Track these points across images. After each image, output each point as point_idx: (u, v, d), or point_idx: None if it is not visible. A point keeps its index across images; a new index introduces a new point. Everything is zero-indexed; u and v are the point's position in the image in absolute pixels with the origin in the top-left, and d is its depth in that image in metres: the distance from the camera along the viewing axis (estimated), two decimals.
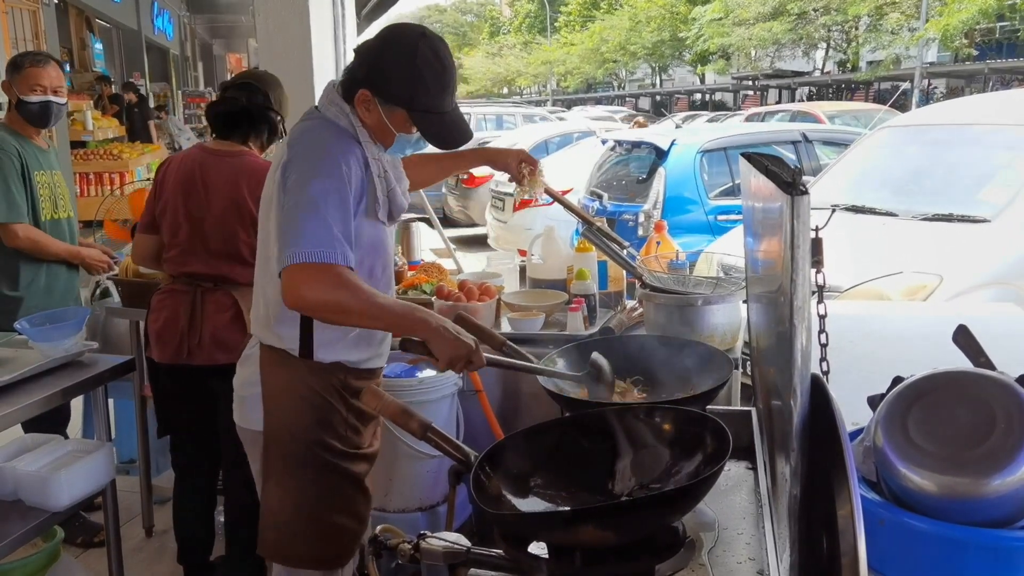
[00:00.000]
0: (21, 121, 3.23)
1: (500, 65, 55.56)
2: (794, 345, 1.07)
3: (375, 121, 1.85)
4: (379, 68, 1.82)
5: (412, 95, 1.81)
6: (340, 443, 1.95)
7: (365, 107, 1.84)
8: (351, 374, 1.96)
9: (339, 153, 1.79)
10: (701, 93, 39.67)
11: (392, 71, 1.81)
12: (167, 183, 2.69)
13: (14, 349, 2.58)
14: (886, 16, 25.60)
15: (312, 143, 1.82)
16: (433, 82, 1.81)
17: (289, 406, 1.93)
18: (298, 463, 1.94)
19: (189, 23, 20.33)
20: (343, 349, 1.94)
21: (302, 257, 1.67)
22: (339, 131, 1.85)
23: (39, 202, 3.20)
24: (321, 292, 1.68)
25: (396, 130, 1.86)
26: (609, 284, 2.95)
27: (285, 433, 1.94)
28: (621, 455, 1.61)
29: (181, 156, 2.77)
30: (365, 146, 1.86)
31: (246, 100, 2.66)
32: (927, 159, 5.08)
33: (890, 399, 1.17)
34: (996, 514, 1.09)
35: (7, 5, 7.48)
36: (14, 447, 2.50)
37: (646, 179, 6.56)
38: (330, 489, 1.96)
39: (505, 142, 12.49)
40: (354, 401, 1.96)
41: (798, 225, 1.02)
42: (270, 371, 1.96)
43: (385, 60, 1.82)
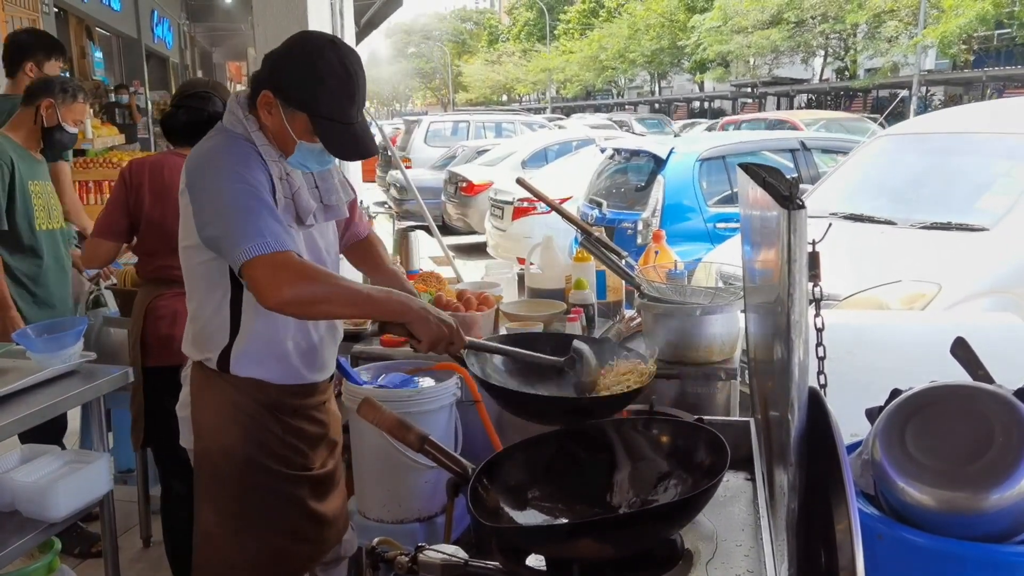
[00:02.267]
0: (35, 136, 3.25)
1: (499, 72, 55.66)
2: (791, 359, 1.07)
3: (276, 125, 1.80)
4: (282, 69, 1.78)
5: (314, 99, 1.75)
6: (276, 464, 1.90)
7: (267, 109, 1.79)
8: (282, 392, 1.91)
9: (236, 153, 1.77)
10: (700, 101, 39.74)
11: (294, 73, 1.76)
12: (150, 191, 2.73)
13: (12, 360, 2.58)
14: (884, 24, 25.67)
15: (209, 154, 1.79)
16: (337, 88, 1.76)
17: (218, 425, 1.89)
18: (231, 483, 1.90)
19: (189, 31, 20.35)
20: (256, 366, 1.88)
21: (253, 252, 1.64)
22: (234, 139, 1.81)
23: (34, 211, 3.19)
24: (296, 285, 1.65)
25: (297, 136, 1.80)
26: (608, 294, 2.95)
27: (216, 454, 1.90)
28: (619, 467, 1.61)
29: (159, 163, 2.78)
30: (261, 149, 1.81)
31: (209, 108, 2.77)
32: (925, 167, 5.08)
33: (888, 413, 1.17)
34: (994, 528, 1.08)
35: (7, 14, 7.50)
36: (12, 458, 2.49)
37: (645, 187, 6.56)
38: (265, 511, 1.91)
39: (504, 150, 12.51)
40: (292, 421, 1.93)
41: (795, 239, 1.02)
42: (198, 391, 1.93)
43: (289, 62, 1.78)
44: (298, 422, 1.95)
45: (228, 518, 1.92)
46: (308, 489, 1.97)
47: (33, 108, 3.24)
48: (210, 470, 1.92)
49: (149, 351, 2.78)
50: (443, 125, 18.12)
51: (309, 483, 1.97)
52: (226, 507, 1.91)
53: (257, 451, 1.89)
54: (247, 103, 1.85)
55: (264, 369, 1.89)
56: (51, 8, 8.94)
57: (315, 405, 2.00)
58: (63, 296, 3.39)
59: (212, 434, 1.91)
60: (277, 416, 1.91)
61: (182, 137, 2.84)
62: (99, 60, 14.23)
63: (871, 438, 1.20)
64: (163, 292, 2.77)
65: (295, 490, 1.94)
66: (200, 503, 1.96)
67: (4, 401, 2.31)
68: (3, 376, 2.44)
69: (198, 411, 1.94)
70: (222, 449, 1.90)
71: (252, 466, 1.89)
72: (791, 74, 34.09)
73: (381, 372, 2.67)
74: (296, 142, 1.80)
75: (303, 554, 1.99)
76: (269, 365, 1.89)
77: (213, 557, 1.95)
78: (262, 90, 1.79)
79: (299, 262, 1.69)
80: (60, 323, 2.68)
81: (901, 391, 1.30)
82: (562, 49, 46.58)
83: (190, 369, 1.98)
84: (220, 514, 1.92)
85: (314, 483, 1.99)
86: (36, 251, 3.21)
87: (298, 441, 1.95)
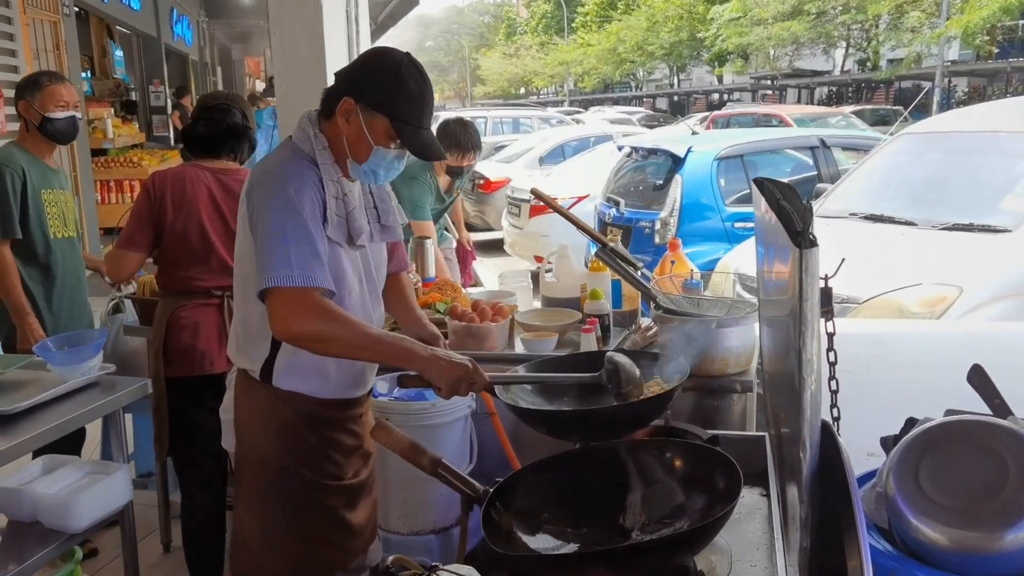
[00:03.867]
0: (39, 140, 3.23)
1: (517, 66, 55.53)
2: (803, 396, 1.06)
3: (354, 132, 1.85)
4: (364, 77, 1.85)
5: (395, 103, 1.82)
6: (312, 473, 1.94)
7: (346, 116, 1.85)
8: (319, 404, 1.95)
9: (293, 177, 1.81)
10: (719, 93, 39.45)
11: (378, 79, 1.84)
12: (172, 203, 2.75)
13: (34, 372, 2.62)
14: (907, 14, 25.34)
15: (267, 171, 1.85)
16: (416, 93, 1.84)
17: (258, 433, 1.95)
18: (267, 490, 1.95)
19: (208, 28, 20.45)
20: (299, 379, 1.92)
21: (274, 281, 1.71)
22: (298, 156, 1.87)
23: (47, 220, 3.20)
24: (304, 322, 1.71)
25: (374, 141, 1.85)
26: (624, 303, 2.94)
27: (255, 459, 1.96)
28: (632, 489, 1.61)
29: (181, 175, 2.80)
30: (322, 168, 1.86)
31: (228, 120, 2.82)
32: (947, 167, 5.02)
33: (901, 448, 1.16)
34: (1008, 569, 1.07)
35: (28, 16, 7.56)
36: (34, 469, 2.53)
37: (662, 186, 6.53)
38: (300, 519, 1.95)
39: (522, 146, 12.49)
40: (328, 432, 1.96)
41: (807, 278, 1.01)
42: (242, 397, 1.98)
43: (369, 71, 1.86)
44: (335, 433, 1.98)
45: (262, 523, 1.96)
46: (340, 499, 2.01)
47: (23, 120, 3.25)
48: (248, 475, 1.98)
49: (170, 362, 2.81)
50: None
51: (342, 493, 2.01)
52: (261, 512, 1.97)
53: (293, 460, 1.94)
54: (317, 120, 1.91)
55: (306, 383, 1.93)
56: (72, 9, 9.00)
57: (352, 418, 2.04)
58: (79, 301, 3.42)
59: (251, 441, 1.97)
60: (314, 427, 1.95)
61: (201, 149, 2.87)
62: (119, 59, 14.36)
63: (885, 471, 1.19)
64: (184, 303, 2.80)
65: (328, 499, 1.98)
66: (238, 505, 2.02)
67: (26, 415, 2.35)
68: (25, 389, 2.48)
69: (240, 417, 1.99)
70: (259, 456, 1.95)
71: (287, 474, 1.94)
72: (812, 66, 33.75)
73: (397, 384, 2.68)
74: (372, 148, 1.85)
75: (330, 560, 2.02)
76: (311, 379, 1.93)
77: (247, 560, 2.00)
78: (342, 98, 1.85)
79: (315, 300, 1.73)
80: (80, 335, 2.71)
81: (916, 420, 1.28)
82: (580, 42, 46.37)
83: (235, 374, 2.03)
84: (255, 518, 1.97)
85: (346, 493, 2.02)
86: (51, 259, 3.23)
87: (334, 452, 1.99)
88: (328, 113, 1.89)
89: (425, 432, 2.45)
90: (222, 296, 2.80)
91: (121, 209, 8.37)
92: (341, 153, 1.89)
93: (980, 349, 2.44)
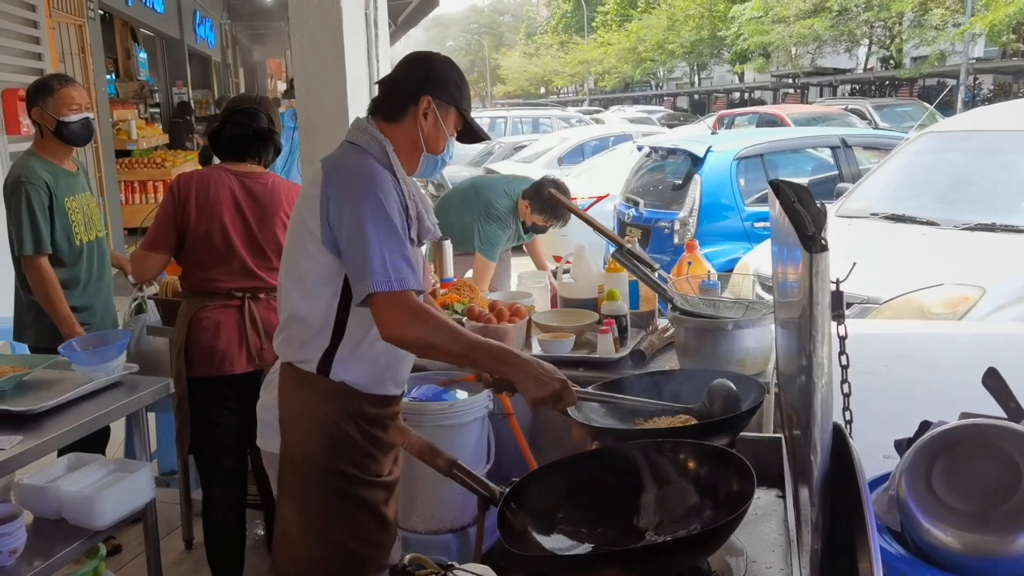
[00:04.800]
0: (55, 145, 3.24)
1: (537, 65, 55.52)
2: (814, 400, 1.07)
3: (431, 126, 1.99)
4: (436, 75, 2.01)
5: (461, 95, 2.03)
6: (355, 470, 1.98)
7: (424, 114, 1.98)
8: (365, 401, 1.98)
9: (379, 181, 1.87)
10: (740, 92, 39.21)
11: (447, 75, 2.02)
12: (196, 205, 2.79)
13: (59, 371, 2.66)
14: (930, 11, 25.05)
15: (353, 173, 1.89)
16: (467, 85, 2.08)
17: (304, 430, 1.97)
18: (311, 487, 1.98)
19: (230, 30, 20.64)
20: (355, 370, 1.96)
21: (378, 287, 1.77)
22: (372, 160, 1.92)
23: (72, 227, 3.23)
24: (411, 327, 1.78)
25: (449, 132, 2.03)
26: (641, 304, 2.94)
27: (300, 456, 1.98)
28: (646, 490, 1.61)
29: (206, 178, 2.84)
30: (397, 170, 1.94)
31: (255, 124, 2.85)
32: (970, 166, 4.97)
33: (914, 451, 1.16)
34: (1020, 572, 1.07)
35: (54, 20, 7.66)
36: (59, 466, 2.58)
37: (682, 186, 6.51)
38: (343, 515, 1.99)
39: (542, 145, 12.50)
40: (371, 429, 1.99)
41: (817, 283, 1.02)
42: (287, 395, 2.01)
43: (437, 68, 2.02)
44: (375, 430, 2.01)
45: (306, 519, 1.99)
46: (381, 495, 2.04)
47: (37, 127, 3.26)
48: (293, 471, 2.01)
49: (192, 362, 2.84)
50: (480, 121, 17.96)
51: (381, 489, 2.04)
52: (306, 508, 1.99)
53: (339, 457, 1.97)
54: (375, 124, 1.99)
55: (360, 375, 1.97)
56: (96, 12, 9.12)
57: (390, 415, 2.07)
58: (104, 303, 3.46)
59: (298, 437, 1.99)
60: (359, 423, 1.98)
61: (228, 152, 2.90)
62: (143, 61, 14.52)
63: (898, 474, 1.19)
64: (207, 304, 2.83)
65: (370, 495, 2.01)
66: (281, 501, 2.04)
67: (51, 414, 2.39)
68: (50, 388, 2.53)
69: (286, 414, 2.01)
70: (306, 453, 1.97)
71: (333, 471, 1.97)
72: (835, 64, 33.45)
73: (415, 384, 2.71)
74: (448, 137, 2.04)
75: (370, 557, 2.05)
76: (364, 371, 1.97)
77: (289, 554, 2.03)
78: (418, 98, 1.97)
79: (415, 303, 1.80)
80: (104, 336, 2.75)
81: (931, 423, 1.28)
82: (600, 41, 46.24)
83: (277, 373, 2.05)
84: (299, 514, 2.00)
85: (385, 489, 2.06)
86: (77, 264, 3.27)
87: (374, 448, 2.02)
88: (395, 116, 1.99)
89: (443, 433, 2.47)
90: (243, 297, 2.83)
91: (145, 210, 8.48)
92: (408, 153, 2.00)
93: (1000, 351, 2.43)
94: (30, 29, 7.05)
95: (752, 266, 4.70)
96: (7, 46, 6.47)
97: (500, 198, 4.00)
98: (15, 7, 6.75)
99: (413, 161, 2.02)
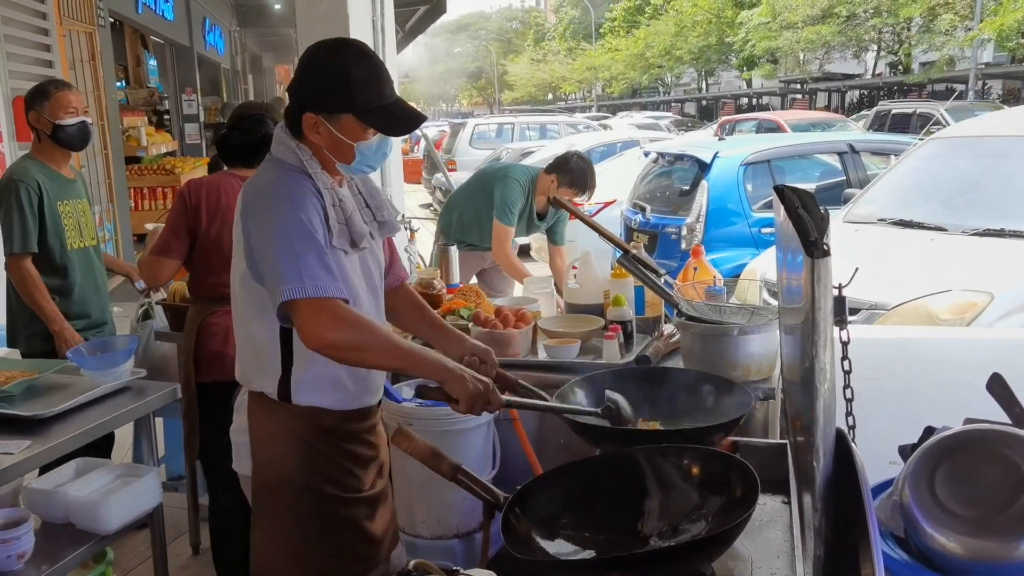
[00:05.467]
0: (52, 150, 3.23)
1: (545, 71, 55.63)
2: (816, 404, 1.07)
3: (328, 140, 1.85)
4: (312, 86, 1.84)
5: (352, 96, 1.81)
6: (333, 488, 1.94)
7: (315, 130, 1.84)
8: (339, 418, 1.94)
9: (290, 190, 1.81)
10: (748, 97, 39.19)
11: (324, 82, 1.82)
12: (207, 210, 2.80)
13: (67, 376, 2.68)
14: (939, 17, 25.00)
15: (265, 188, 1.84)
16: (367, 77, 1.82)
17: (277, 453, 1.93)
18: (289, 510, 1.93)
19: (240, 37, 20.74)
20: (317, 393, 1.91)
21: (293, 293, 1.69)
22: (288, 169, 1.86)
23: (64, 231, 3.22)
24: (337, 330, 1.70)
25: (351, 140, 1.84)
26: (647, 309, 2.94)
27: (273, 478, 1.94)
28: (650, 495, 1.61)
29: (216, 183, 2.85)
30: (316, 177, 1.85)
31: (262, 130, 2.85)
32: (978, 172, 4.96)
33: (917, 456, 1.16)
34: None
35: (64, 28, 7.72)
36: (67, 471, 2.59)
37: (689, 191, 6.51)
38: (322, 534, 1.95)
39: (549, 152, 12.50)
40: (347, 445, 1.96)
41: (819, 289, 1.02)
42: (256, 419, 1.96)
43: (311, 77, 1.84)
44: (352, 446, 1.98)
45: (285, 543, 1.95)
46: (362, 510, 2.00)
47: (35, 131, 3.26)
48: (268, 497, 1.96)
49: (201, 367, 2.85)
50: (488, 127, 18.18)
51: (363, 504, 2.01)
52: (283, 532, 1.95)
53: (315, 477, 1.93)
54: (291, 133, 1.90)
55: (324, 396, 1.92)
56: (107, 20, 9.18)
57: (367, 428, 2.04)
58: (99, 309, 3.43)
59: (271, 462, 1.95)
60: (333, 441, 1.95)
61: (236, 158, 2.92)
62: (153, 68, 14.60)
63: (901, 480, 1.19)
64: (216, 309, 2.84)
65: (349, 512, 1.98)
66: (257, 527, 2.00)
67: (59, 418, 2.41)
68: (58, 393, 2.54)
69: (257, 441, 1.97)
70: (280, 477, 1.93)
71: (310, 492, 1.93)
72: (843, 69, 33.43)
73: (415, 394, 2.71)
74: (353, 146, 1.85)
75: (353, 572, 2.02)
76: (328, 392, 1.92)
77: None
78: (303, 114, 1.84)
79: (340, 308, 1.73)
80: (112, 341, 2.77)
81: (935, 429, 1.28)
82: (608, 47, 46.33)
83: (246, 396, 2.02)
84: (277, 538, 1.96)
85: (367, 504, 2.02)
86: (67, 270, 3.25)
87: (352, 464, 1.98)
88: (297, 133, 1.88)
89: (448, 438, 2.47)
90: None
91: (154, 216, 8.54)
92: (326, 160, 1.88)
93: (1006, 356, 2.42)
94: (41, 37, 7.11)
95: (759, 272, 4.70)
96: (18, 53, 6.51)
97: (516, 168, 3.94)
98: (26, 15, 6.81)
99: (332, 168, 1.90)
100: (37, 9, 7.03)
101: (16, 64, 6.37)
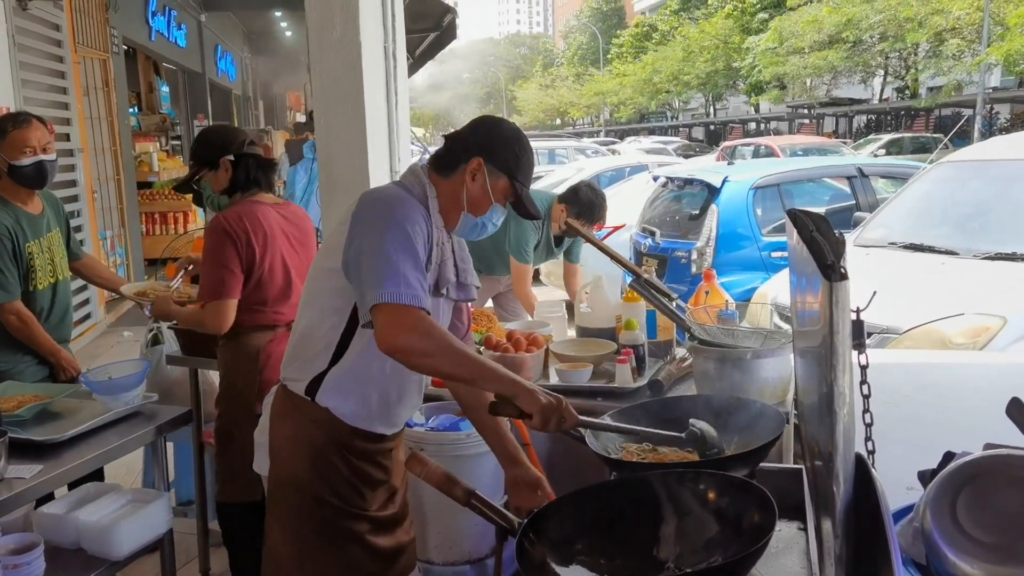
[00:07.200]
0: (14, 188, 3.07)
1: (553, 96, 56.02)
2: (836, 430, 1.06)
3: (478, 188, 1.98)
4: (494, 140, 2.00)
5: (517, 166, 2.00)
6: (338, 500, 1.99)
7: (472, 175, 1.98)
8: (352, 433, 2.00)
9: (409, 210, 1.90)
10: (756, 122, 39.33)
11: (506, 144, 2.00)
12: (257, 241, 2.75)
13: (78, 400, 2.68)
14: (946, 42, 25.09)
15: (385, 199, 1.94)
16: (530, 163, 2.05)
17: (291, 454, 2.00)
18: (298, 512, 2.00)
19: (251, 64, 20.98)
20: (341, 398, 1.97)
21: (386, 298, 1.76)
22: (411, 197, 1.96)
23: (35, 272, 3.08)
24: (412, 335, 1.77)
25: (494, 199, 2.00)
26: (659, 333, 2.93)
27: (287, 481, 2.01)
28: (666, 520, 1.60)
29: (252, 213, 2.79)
30: (432, 213, 1.97)
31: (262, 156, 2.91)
32: (989, 195, 4.95)
33: (938, 482, 1.15)
34: None
35: (79, 55, 7.83)
36: (77, 496, 2.59)
37: (698, 215, 6.52)
38: (330, 543, 2.00)
39: (558, 176, 12.54)
40: (358, 463, 2.01)
41: (837, 312, 1.01)
42: (277, 419, 2.05)
43: (498, 135, 2.02)
44: (363, 465, 2.03)
45: (293, 542, 2.02)
46: (365, 526, 2.04)
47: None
48: (280, 495, 2.04)
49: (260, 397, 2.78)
50: None
51: (366, 521, 2.04)
52: (292, 532, 2.02)
53: (323, 486, 1.99)
54: (426, 171, 2.03)
55: (343, 403, 1.98)
56: (120, 47, 9.31)
57: (382, 451, 2.08)
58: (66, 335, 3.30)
59: (284, 461, 2.02)
60: (345, 455, 2.00)
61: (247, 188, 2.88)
62: (165, 94, 14.76)
63: (922, 506, 1.18)
64: (272, 338, 2.82)
65: (354, 526, 2.01)
66: (270, 522, 2.07)
67: (71, 443, 2.40)
68: (70, 418, 2.55)
69: (274, 441, 2.05)
70: (291, 480, 2.01)
71: (317, 499, 1.99)
72: (850, 94, 33.54)
73: (432, 413, 2.70)
74: (492, 204, 2.01)
75: None
76: (348, 400, 1.98)
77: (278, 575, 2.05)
78: (471, 158, 1.98)
79: (423, 316, 1.79)
80: (124, 365, 2.77)
81: (954, 454, 1.27)
82: (616, 72, 46.67)
83: (273, 396, 2.09)
84: (286, 537, 2.03)
85: (371, 522, 2.05)
86: (32, 308, 3.09)
87: (359, 482, 2.02)
88: (448, 170, 2.00)
89: (460, 463, 2.46)
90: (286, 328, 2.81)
91: (165, 241, 8.58)
92: (450, 208, 2.00)
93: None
94: (56, 64, 7.20)
95: (770, 295, 4.69)
96: (33, 80, 6.60)
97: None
98: (41, 42, 6.90)
99: (454, 217, 2.02)
100: (52, 37, 7.13)
101: (31, 91, 6.45)
